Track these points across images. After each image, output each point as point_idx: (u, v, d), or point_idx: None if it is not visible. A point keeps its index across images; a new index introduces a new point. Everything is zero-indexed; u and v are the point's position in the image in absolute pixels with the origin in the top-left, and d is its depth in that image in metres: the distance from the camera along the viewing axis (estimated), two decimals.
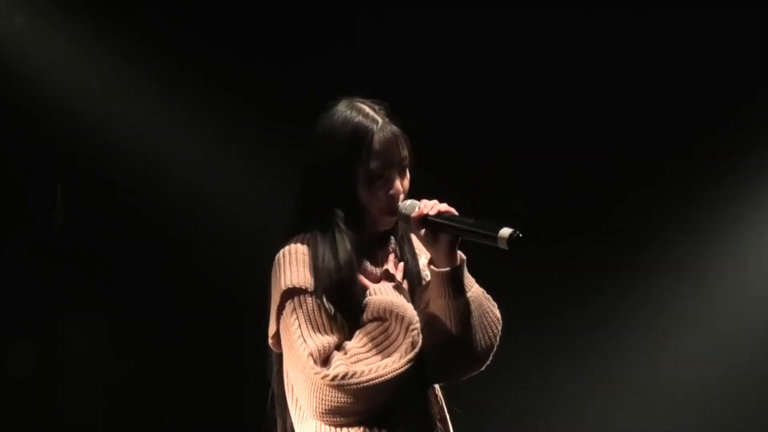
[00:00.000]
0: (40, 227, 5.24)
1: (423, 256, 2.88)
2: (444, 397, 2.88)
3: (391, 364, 2.66)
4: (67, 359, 5.26)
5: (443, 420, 2.85)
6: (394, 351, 2.68)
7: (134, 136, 5.24)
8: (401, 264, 2.85)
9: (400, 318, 2.71)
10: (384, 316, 2.71)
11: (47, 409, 5.22)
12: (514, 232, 2.62)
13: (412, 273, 2.86)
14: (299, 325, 2.70)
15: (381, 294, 2.74)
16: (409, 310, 2.73)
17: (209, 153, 5.32)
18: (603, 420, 5.42)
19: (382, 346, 2.69)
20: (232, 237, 5.25)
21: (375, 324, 2.71)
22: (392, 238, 2.87)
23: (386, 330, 2.70)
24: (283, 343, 2.75)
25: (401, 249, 2.86)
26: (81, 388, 5.25)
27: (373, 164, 2.76)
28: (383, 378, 2.66)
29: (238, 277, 5.02)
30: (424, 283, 2.84)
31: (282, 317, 2.74)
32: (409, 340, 2.69)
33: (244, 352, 2.99)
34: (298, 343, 2.68)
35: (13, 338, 5.20)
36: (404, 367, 2.66)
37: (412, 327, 2.70)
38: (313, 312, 2.71)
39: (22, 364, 5.20)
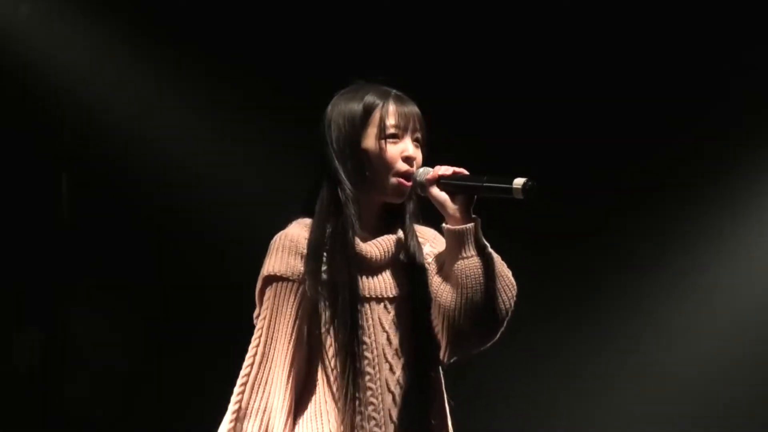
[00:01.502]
0: (44, 217, 5.24)
1: (428, 244, 2.88)
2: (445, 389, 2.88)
3: None
4: (70, 352, 5.27)
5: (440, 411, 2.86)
6: None
7: (140, 125, 5.24)
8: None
9: None
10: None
11: (51, 402, 5.23)
12: (528, 180, 2.67)
13: (415, 262, 2.85)
14: (264, 326, 2.76)
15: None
16: None
17: (217, 143, 5.33)
18: (604, 419, 5.43)
19: None
20: (238, 229, 5.25)
21: None
22: (397, 221, 2.87)
23: None
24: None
25: (405, 236, 2.86)
26: (83, 383, 5.26)
27: (388, 122, 2.79)
28: None
29: (242, 270, 5.03)
30: (429, 271, 2.84)
31: (261, 302, 2.80)
32: None
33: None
34: (248, 362, 2.78)
35: (17, 331, 5.21)
36: None
37: None
38: (284, 308, 2.74)
39: (26, 357, 5.21)
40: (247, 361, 2.77)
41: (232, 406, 2.76)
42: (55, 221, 5.23)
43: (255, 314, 2.83)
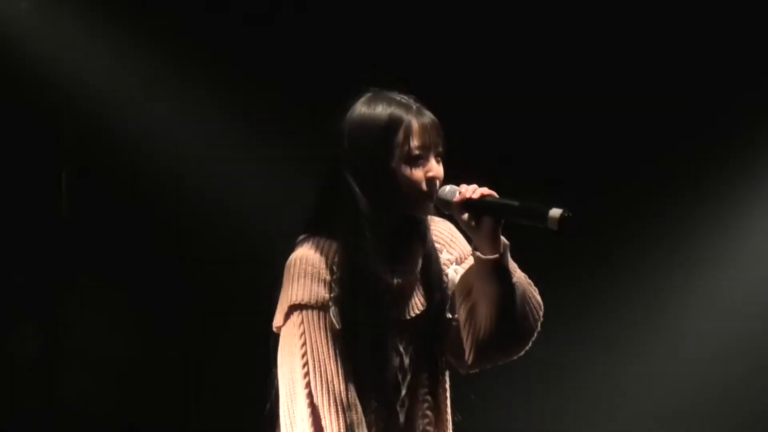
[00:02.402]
0: (45, 212, 5.24)
1: (444, 250, 2.83)
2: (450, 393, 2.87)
3: None
4: (71, 347, 5.27)
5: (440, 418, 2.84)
6: None
7: (141, 120, 5.24)
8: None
9: None
10: None
11: (49, 396, 5.23)
12: (565, 210, 2.58)
13: (431, 276, 2.80)
14: (306, 346, 2.68)
15: None
16: None
17: (218, 138, 5.32)
18: (609, 419, 5.43)
19: None
20: (237, 223, 5.25)
21: None
22: (416, 237, 2.79)
23: None
24: (281, 356, 2.72)
25: (425, 255, 2.79)
26: (82, 377, 5.26)
27: (413, 144, 2.69)
28: None
29: (243, 264, 5.04)
30: (445, 280, 2.80)
31: (286, 328, 2.71)
32: None
33: (251, 345, 2.99)
34: (302, 372, 2.68)
35: (16, 326, 5.20)
36: None
37: None
38: (321, 332, 2.67)
39: (25, 352, 5.20)
40: (304, 390, 2.67)
41: (306, 425, 2.65)
42: (55, 216, 5.22)
43: (276, 324, 2.73)
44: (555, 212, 2.57)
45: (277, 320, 2.74)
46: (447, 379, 2.86)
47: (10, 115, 5.13)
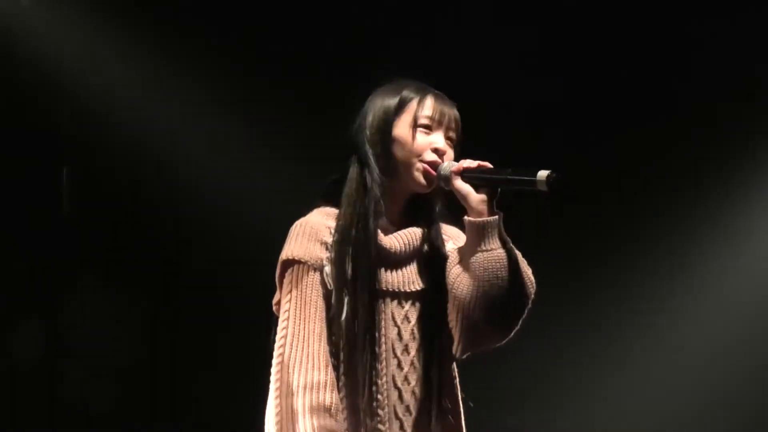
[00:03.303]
0: (46, 210, 5.23)
1: (450, 241, 2.87)
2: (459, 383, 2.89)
3: None
4: (71, 345, 5.26)
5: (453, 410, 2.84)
6: None
7: (142, 117, 5.24)
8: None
9: None
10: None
11: (51, 394, 5.23)
12: (552, 172, 2.69)
13: (436, 258, 2.85)
14: (290, 300, 2.74)
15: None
16: None
17: (219, 136, 5.32)
18: (607, 417, 5.43)
19: None
20: (238, 220, 5.25)
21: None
22: (422, 214, 2.87)
23: None
24: (279, 311, 2.78)
25: (430, 231, 2.86)
26: (83, 374, 5.26)
27: (424, 112, 2.81)
28: None
29: (243, 259, 5.04)
30: (448, 264, 2.82)
31: (282, 286, 2.78)
32: None
33: (251, 343, 3.00)
34: (281, 326, 2.73)
35: (17, 322, 5.20)
36: None
37: None
38: (307, 289, 2.73)
39: (26, 348, 5.20)
40: (279, 342, 2.74)
41: (273, 385, 2.72)
42: (56, 214, 5.22)
43: (274, 300, 2.82)
44: (542, 174, 2.69)
45: (276, 295, 2.80)
46: (452, 363, 2.87)
47: (11, 112, 5.12)
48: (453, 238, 2.87)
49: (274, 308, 2.82)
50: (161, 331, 5.31)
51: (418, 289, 2.82)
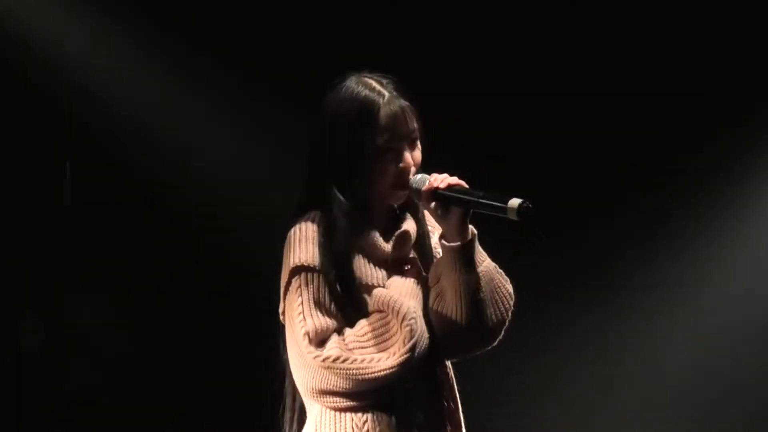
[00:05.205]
0: (48, 203, 5.24)
1: (436, 233, 2.86)
2: (455, 374, 2.88)
3: (384, 361, 2.65)
4: (74, 338, 5.27)
5: (453, 397, 2.85)
6: (390, 346, 2.67)
7: (145, 112, 5.24)
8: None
9: (397, 311, 2.69)
10: (384, 309, 2.71)
11: (55, 387, 5.23)
12: (523, 202, 2.62)
13: (426, 251, 2.85)
14: (302, 302, 2.71)
15: (388, 287, 2.74)
16: (407, 303, 2.71)
17: (221, 133, 5.33)
18: (602, 417, 5.42)
19: (380, 338, 2.68)
20: (239, 217, 5.25)
21: (377, 316, 2.71)
22: (407, 214, 2.86)
23: (387, 324, 2.70)
24: (286, 320, 2.76)
25: (418, 225, 2.85)
26: (85, 368, 5.26)
27: (381, 138, 2.75)
28: (373, 374, 2.65)
29: (244, 256, 5.05)
30: (435, 260, 2.83)
31: (288, 294, 2.75)
32: (401, 335, 2.66)
33: (255, 335, 3.00)
34: (298, 320, 2.70)
35: (19, 316, 5.21)
36: (394, 369, 2.65)
37: (405, 322, 2.68)
38: (318, 291, 2.71)
39: (28, 342, 5.21)
40: (297, 319, 2.71)
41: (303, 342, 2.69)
42: (59, 207, 5.22)
43: (281, 309, 2.79)
44: (514, 202, 2.63)
45: (281, 304, 2.77)
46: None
47: (14, 105, 5.12)
48: (438, 229, 2.84)
49: (280, 318, 2.80)
50: (164, 325, 5.31)
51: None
